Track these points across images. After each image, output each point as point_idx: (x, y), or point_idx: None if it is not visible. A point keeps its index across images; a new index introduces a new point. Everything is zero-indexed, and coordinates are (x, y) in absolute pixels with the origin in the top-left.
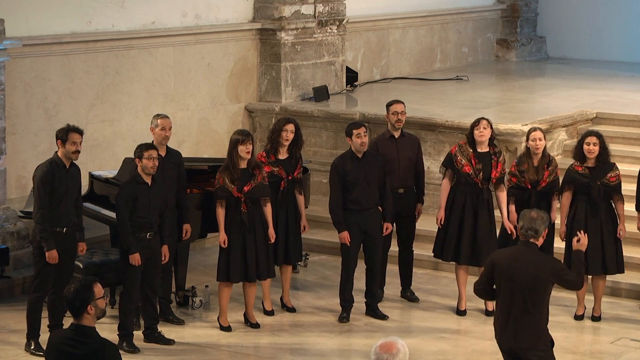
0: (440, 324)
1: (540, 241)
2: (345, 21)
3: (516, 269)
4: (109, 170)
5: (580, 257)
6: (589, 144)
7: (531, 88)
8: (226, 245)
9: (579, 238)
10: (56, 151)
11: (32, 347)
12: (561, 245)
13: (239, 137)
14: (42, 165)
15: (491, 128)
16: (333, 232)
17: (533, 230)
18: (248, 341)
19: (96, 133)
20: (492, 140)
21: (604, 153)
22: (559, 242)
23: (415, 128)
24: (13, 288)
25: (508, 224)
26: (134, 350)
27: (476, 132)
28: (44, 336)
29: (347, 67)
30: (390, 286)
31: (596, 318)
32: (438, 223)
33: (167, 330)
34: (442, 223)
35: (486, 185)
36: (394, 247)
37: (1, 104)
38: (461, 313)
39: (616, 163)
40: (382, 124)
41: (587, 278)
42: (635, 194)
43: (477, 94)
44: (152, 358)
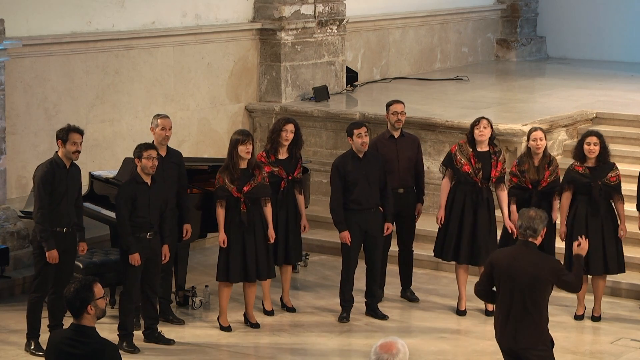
0: (440, 324)
1: (539, 240)
2: (345, 21)
3: (515, 269)
4: (109, 170)
5: (580, 261)
6: (590, 144)
7: (531, 88)
8: (225, 245)
9: (580, 242)
10: (56, 151)
11: (32, 347)
12: (563, 245)
13: (239, 137)
14: (43, 165)
15: (491, 128)
16: (333, 232)
17: (531, 229)
18: (248, 341)
19: (96, 133)
20: (492, 139)
21: (604, 153)
22: (561, 242)
23: (415, 128)
24: (13, 288)
25: (509, 224)
26: (134, 350)
27: (476, 132)
28: (44, 336)
29: (347, 67)
30: (390, 286)
31: (596, 318)
32: (438, 222)
33: (167, 330)
34: (442, 222)
35: (486, 184)
36: (394, 247)
37: (1, 104)
38: (461, 313)
39: (616, 163)
40: (382, 124)
41: (587, 278)
42: (636, 194)
43: (477, 94)
44: (152, 358)
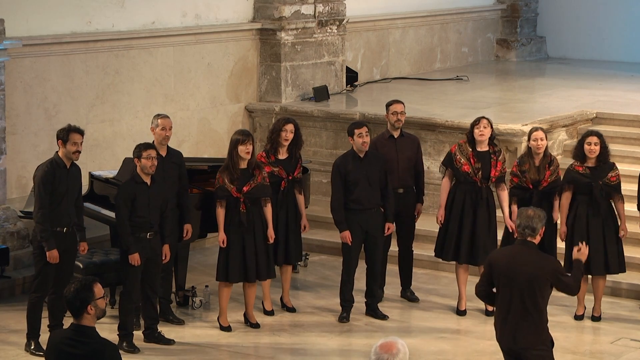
0: (440, 324)
1: (537, 239)
2: (345, 21)
3: (514, 269)
4: (109, 170)
5: (579, 266)
6: (590, 144)
7: (531, 88)
8: (225, 245)
9: (580, 248)
10: (57, 151)
11: (32, 347)
12: (564, 245)
13: (239, 137)
14: (43, 165)
15: (491, 127)
16: (333, 232)
17: (530, 228)
18: (248, 341)
19: (96, 133)
20: (492, 139)
21: (605, 153)
22: (562, 243)
23: (415, 128)
24: (13, 288)
25: (510, 223)
26: (134, 350)
27: (476, 131)
28: (44, 336)
29: (347, 67)
30: (390, 286)
31: (596, 318)
32: (438, 222)
33: (167, 330)
34: (442, 222)
35: (485, 184)
36: (394, 247)
37: (1, 104)
38: (461, 313)
39: (616, 163)
40: (382, 124)
41: (587, 278)
42: (637, 194)
43: (477, 94)
44: (152, 358)
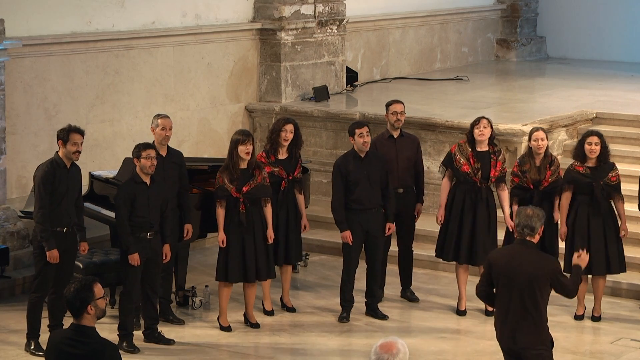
0: (440, 324)
1: (536, 238)
2: (345, 21)
3: (514, 268)
4: (109, 170)
5: (578, 272)
6: (591, 144)
7: (531, 88)
8: (225, 245)
9: (580, 254)
10: (57, 151)
11: (32, 347)
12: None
13: (240, 137)
14: (43, 165)
15: (491, 127)
16: (333, 232)
17: (529, 227)
18: (248, 341)
19: (96, 133)
20: (492, 139)
21: (605, 153)
22: (562, 243)
23: (415, 128)
24: (13, 288)
25: (511, 224)
26: (134, 350)
27: (476, 131)
28: (44, 336)
29: (347, 67)
30: (390, 286)
31: (596, 318)
32: (438, 222)
33: (167, 330)
34: (442, 222)
35: (485, 184)
36: (394, 247)
37: (1, 104)
38: (461, 313)
39: (616, 163)
40: (382, 124)
41: (588, 278)
42: (637, 194)
43: (477, 94)
44: (152, 358)
